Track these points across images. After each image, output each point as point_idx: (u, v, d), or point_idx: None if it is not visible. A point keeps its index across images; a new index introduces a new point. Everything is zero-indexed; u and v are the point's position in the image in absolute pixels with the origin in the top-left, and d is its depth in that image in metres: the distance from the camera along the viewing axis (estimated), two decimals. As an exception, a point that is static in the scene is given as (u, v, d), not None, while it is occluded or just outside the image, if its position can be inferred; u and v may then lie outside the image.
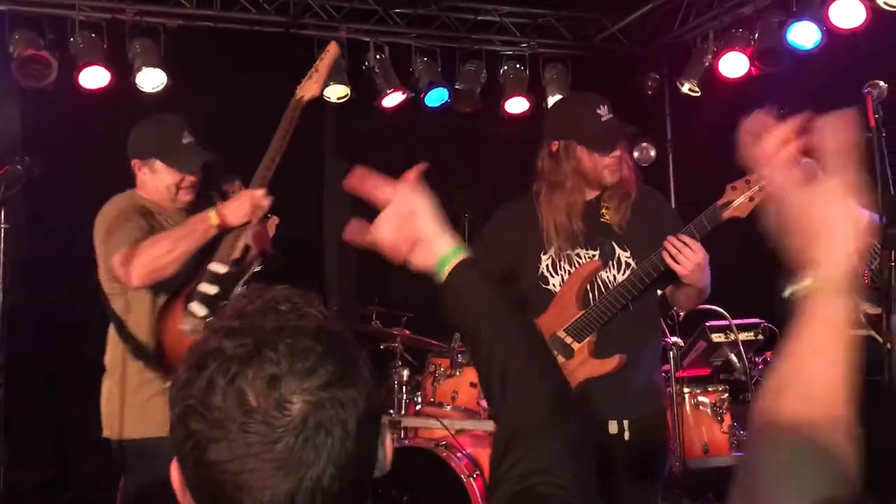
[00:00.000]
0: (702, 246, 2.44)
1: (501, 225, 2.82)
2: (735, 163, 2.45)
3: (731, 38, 5.64)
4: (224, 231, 2.84)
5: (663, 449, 2.74)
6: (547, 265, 2.66)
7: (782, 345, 0.93)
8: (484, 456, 3.92)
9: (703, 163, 6.14)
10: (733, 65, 5.60)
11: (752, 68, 5.50)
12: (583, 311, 2.58)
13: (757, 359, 4.06)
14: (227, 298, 2.65)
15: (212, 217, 2.76)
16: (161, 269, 2.66)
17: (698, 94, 5.95)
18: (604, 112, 2.58)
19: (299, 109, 3.04)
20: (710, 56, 5.80)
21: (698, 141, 6.28)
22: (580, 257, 2.63)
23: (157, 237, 2.71)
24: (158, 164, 3.05)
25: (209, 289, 2.68)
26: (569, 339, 2.60)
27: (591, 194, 2.67)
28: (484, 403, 4.07)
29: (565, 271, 2.63)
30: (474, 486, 3.71)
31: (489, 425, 3.97)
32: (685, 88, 5.97)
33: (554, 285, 2.65)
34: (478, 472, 3.80)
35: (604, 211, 2.64)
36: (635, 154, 6.47)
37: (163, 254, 2.66)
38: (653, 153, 6.54)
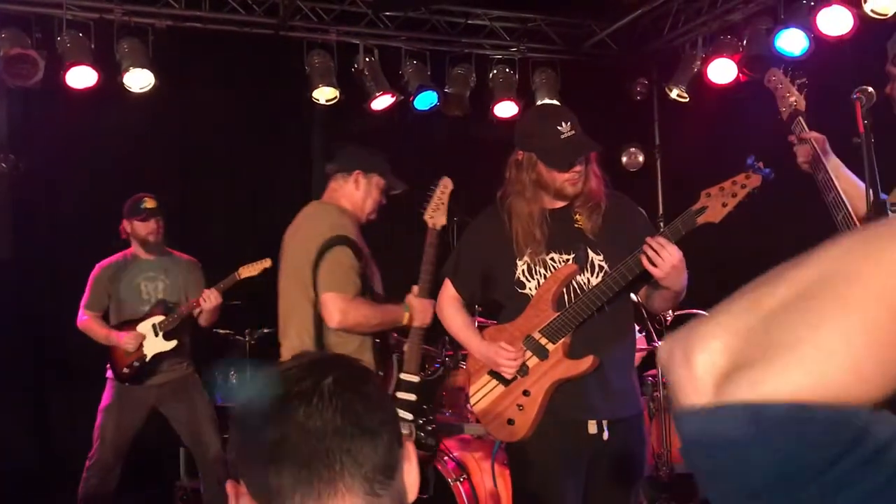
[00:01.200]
0: (677, 249, 2.47)
1: (473, 239, 2.88)
2: (722, 167, 2.46)
3: (720, 44, 5.67)
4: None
5: (642, 450, 2.74)
6: (523, 270, 2.69)
7: None
8: (470, 459, 3.91)
9: (691, 168, 6.15)
10: (722, 71, 5.63)
11: (741, 75, 5.52)
12: (558, 313, 2.61)
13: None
14: (426, 404, 3.20)
15: (405, 315, 3.18)
16: (359, 328, 3.11)
17: (687, 99, 5.97)
18: (565, 129, 2.59)
19: (437, 236, 3.30)
20: (698, 62, 5.82)
21: (686, 146, 6.30)
22: (555, 261, 2.66)
23: (369, 305, 3.14)
24: (376, 179, 3.44)
25: (408, 396, 3.14)
26: (543, 341, 2.63)
27: (558, 203, 2.70)
28: (471, 407, 4.07)
29: (541, 275, 2.66)
30: (461, 490, 3.70)
31: (476, 429, 3.97)
32: (674, 94, 5.99)
33: (530, 289, 2.68)
34: (465, 476, 3.80)
35: (577, 217, 2.68)
36: (623, 159, 6.50)
37: (367, 320, 3.10)
38: (641, 158, 6.56)
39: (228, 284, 4.28)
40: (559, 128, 2.59)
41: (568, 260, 2.65)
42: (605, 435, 2.59)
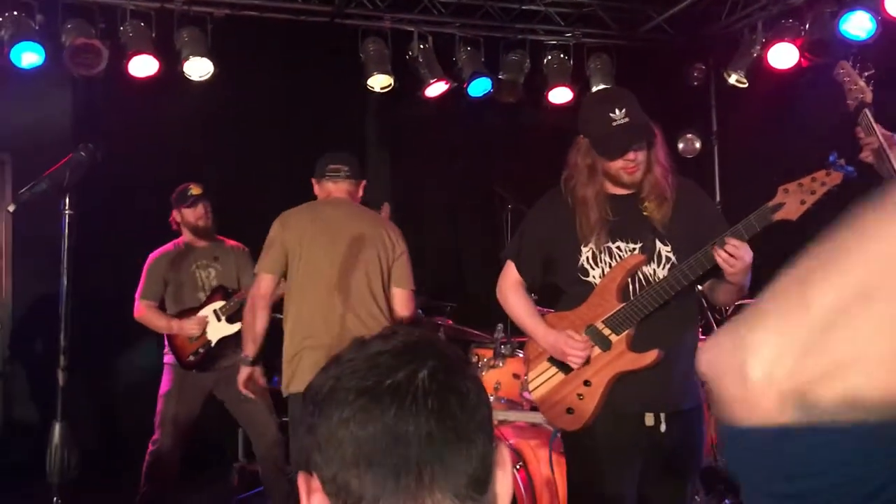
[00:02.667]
0: (749, 248, 2.44)
1: (536, 222, 2.83)
2: (781, 155, 2.42)
3: (781, 28, 5.55)
4: None
5: (699, 443, 2.70)
6: (587, 257, 2.65)
7: None
8: (526, 447, 3.92)
9: (749, 155, 6.06)
10: (782, 56, 5.51)
11: (802, 60, 5.40)
12: (623, 304, 2.57)
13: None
14: None
15: None
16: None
17: (745, 85, 5.86)
18: (618, 115, 2.53)
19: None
20: (758, 47, 5.71)
21: (744, 133, 6.20)
22: (621, 250, 2.62)
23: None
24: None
25: None
26: (607, 331, 2.60)
27: (622, 190, 2.65)
28: (527, 395, 4.08)
29: (606, 264, 2.63)
30: (517, 478, 3.71)
31: (532, 416, 3.98)
32: (732, 79, 5.89)
33: (594, 277, 2.64)
34: (521, 464, 3.81)
35: (646, 205, 2.63)
36: (680, 146, 6.41)
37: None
38: (698, 145, 6.47)
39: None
40: (612, 115, 2.53)
41: (634, 249, 2.61)
42: (663, 427, 2.56)
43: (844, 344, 0.51)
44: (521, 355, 4.18)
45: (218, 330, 4.37)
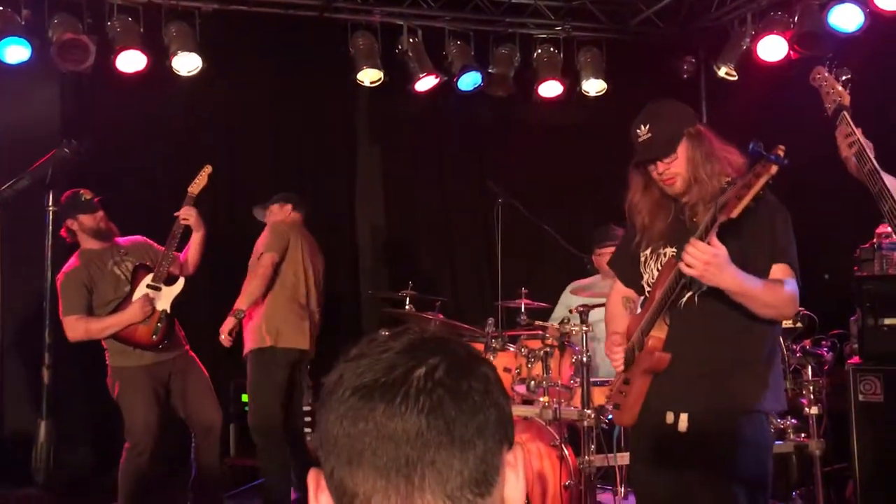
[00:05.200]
0: (712, 244, 2.32)
1: (627, 229, 2.90)
2: (771, 147, 2.41)
3: (770, 21, 5.55)
4: None
5: (732, 449, 2.51)
6: (643, 261, 2.72)
7: None
8: (518, 440, 3.92)
9: (740, 147, 6.05)
10: (772, 48, 5.51)
11: (792, 52, 5.40)
12: (651, 309, 2.60)
13: (795, 346, 4.02)
14: None
15: None
16: None
17: (735, 78, 5.86)
18: (642, 132, 2.58)
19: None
20: (747, 39, 5.70)
21: (734, 125, 6.18)
22: (665, 256, 2.64)
23: None
24: None
25: None
26: (643, 334, 2.63)
27: (677, 197, 2.66)
28: (518, 388, 4.08)
29: (651, 268, 2.68)
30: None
31: (523, 410, 3.98)
32: (722, 72, 5.88)
33: (646, 282, 2.71)
34: (511, 457, 3.82)
35: (698, 212, 2.57)
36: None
37: None
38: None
39: (188, 202, 4.38)
40: (637, 130, 2.60)
41: (675, 253, 2.58)
42: (682, 427, 2.52)
43: None
44: (511, 349, 4.19)
45: (165, 297, 4.26)
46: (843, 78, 2.86)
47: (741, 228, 2.42)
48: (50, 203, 1.97)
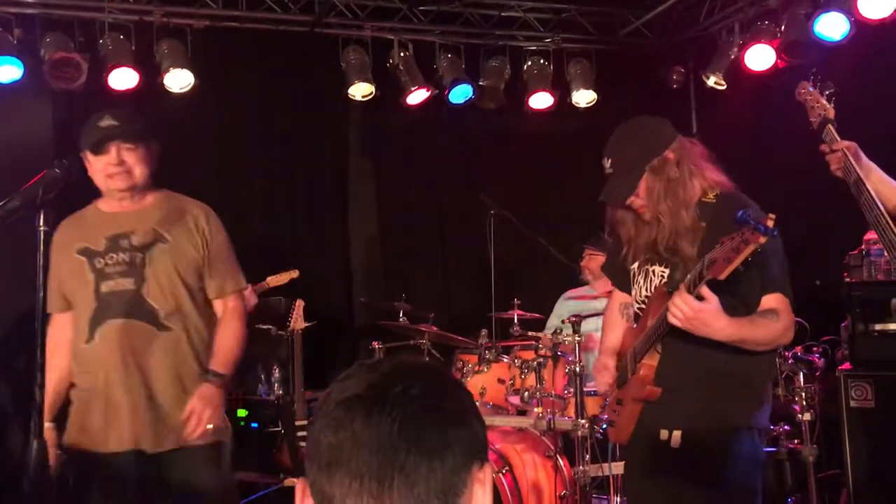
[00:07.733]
0: (702, 294, 2.27)
1: (613, 230, 2.87)
2: (761, 156, 2.43)
3: (757, 30, 5.59)
4: None
5: (723, 467, 2.49)
6: (632, 275, 2.70)
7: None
8: (512, 451, 3.93)
9: (729, 156, 6.08)
10: (759, 57, 5.55)
11: (779, 61, 5.45)
12: (645, 334, 2.56)
13: (787, 353, 4.04)
14: None
15: None
16: None
17: (724, 87, 5.90)
18: (606, 165, 2.57)
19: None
20: (735, 49, 5.75)
21: (724, 134, 6.23)
22: (654, 274, 2.61)
23: None
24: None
25: None
26: (635, 357, 2.61)
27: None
28: (512, 399, 4.09)
29: (639, 284, 2.65)
30: (503, 482, 3.72)
31: (517, 421, 3.99)
32: (711, 82, 5.93)
33: (635, 297, 2.69)
34: (507, 468, 3.82)
35: (675, 240, 2.54)
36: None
37: None
38: (678, 147, 6.50)
39: (260, 289, 4.55)
40: (604, 162, 2.58)
41: (664, 273, 2.57)
42: (675, 444, 2.50)
43: None
44: (505, 360, 4.20)
45: None
46: (828, 92, 2.90)
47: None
48: (41, 223, 1.98)
